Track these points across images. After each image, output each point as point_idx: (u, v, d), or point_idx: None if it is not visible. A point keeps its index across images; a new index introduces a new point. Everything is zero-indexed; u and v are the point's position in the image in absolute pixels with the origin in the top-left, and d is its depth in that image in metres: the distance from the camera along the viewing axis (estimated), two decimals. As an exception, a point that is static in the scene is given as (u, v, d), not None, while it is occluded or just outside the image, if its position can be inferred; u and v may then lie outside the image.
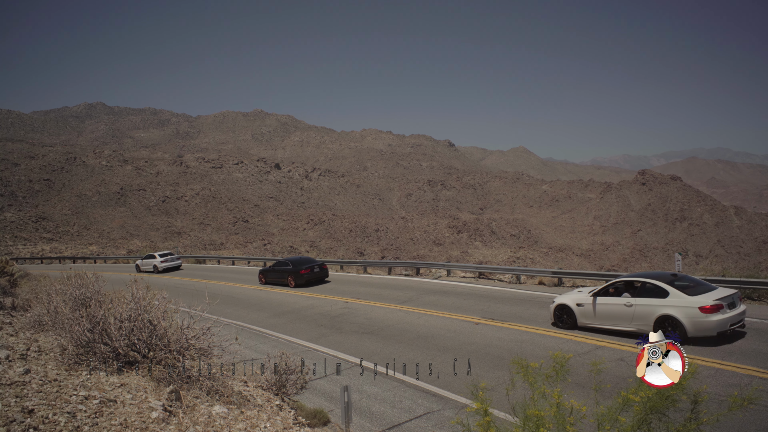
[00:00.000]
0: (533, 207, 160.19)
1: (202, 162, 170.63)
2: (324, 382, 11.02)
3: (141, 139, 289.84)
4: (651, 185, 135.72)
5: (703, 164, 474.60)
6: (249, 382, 7.23)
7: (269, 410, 5.73)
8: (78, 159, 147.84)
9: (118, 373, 4.83)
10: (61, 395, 3.81)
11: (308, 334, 15.30)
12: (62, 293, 6.10)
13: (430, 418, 8.89)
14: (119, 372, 4.84)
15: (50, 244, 76.53)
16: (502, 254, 78.86)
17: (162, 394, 4.35)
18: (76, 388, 4.08)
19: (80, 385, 4.18)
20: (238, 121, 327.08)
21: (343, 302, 19.46)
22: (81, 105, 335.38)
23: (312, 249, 75.19)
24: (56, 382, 4.14)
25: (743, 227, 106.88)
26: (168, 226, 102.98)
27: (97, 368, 4.72)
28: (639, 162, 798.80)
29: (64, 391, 3.93)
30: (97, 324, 4.84)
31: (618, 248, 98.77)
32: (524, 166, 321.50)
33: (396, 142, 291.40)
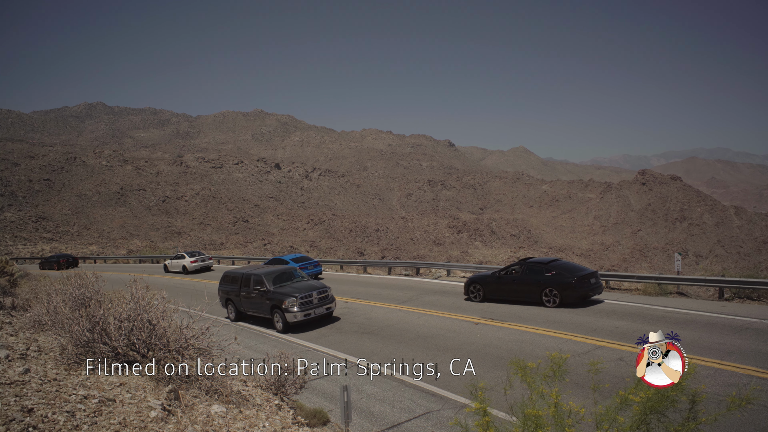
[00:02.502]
0: (533, 207, 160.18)
1: (202, 162, 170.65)
2: (324, 381, 11.04)
3: (141, 139, 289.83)
4: (651, 185, 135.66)
5: (703, 164, 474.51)
6: (248, 381, 7.24)
7: (268, 410, 5.74)
8: (78, 159, 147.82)
9: (118, 372, 4.85)
10: (61, 394, 3.82)
11: (308, 334, 15.32)
12: (62, 293, 6.11)
13: (430, 418, 8.90)
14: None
15: (50, 244, 76.57)
16: (502, 254, 78.87)
17: (161, 394, 4.35)
18: (76, 387, 4.09)
19: (80, 384, 4.19)
20: (238, 121, 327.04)
21: (343, 302, 19.46)
22: (81, 105, 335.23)
23: (312, 249, 75.21)
24: (56, 381, 4.15)
25: (743, 227, 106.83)
26: (168, 226, 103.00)
27: (96, 368, 4.75)
28: (639, 162, 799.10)
29: (63, 391, 3.95)
30: (96, 324, 4.84)
31: (618, 248, 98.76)
32: (524, 166, 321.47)
33: (396, 142, 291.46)
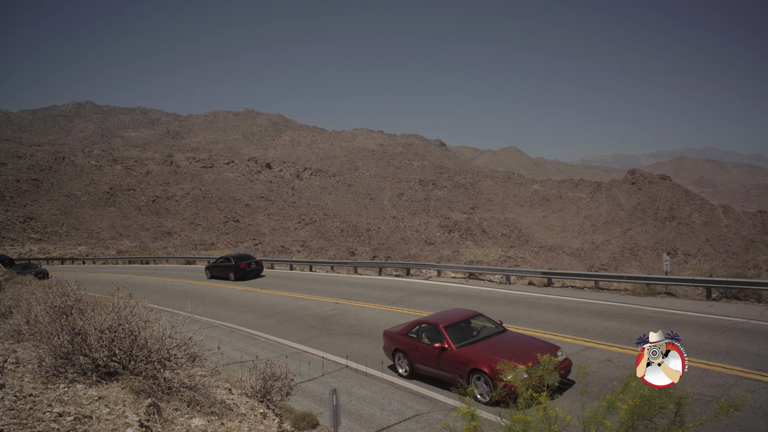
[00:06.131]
0: (524, 206, 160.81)
1: (193, 162, 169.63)
2: (314, 384, 10.99)
3: (131, 138, 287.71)
4: (641, 185, 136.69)
5: (692, 164, 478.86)
6: (234, 389, 7.17)
7: (252, 419, 5.68)
8: (67, 158, 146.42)
9: (98, 384, 4.74)
10: (34, 413, 3.70)
11: (298, 336, 15.25)
12: (42, 302, 6.00)
13: (419, 421, 8.89)
14: (98, 384, 4.76)
15: (38, 244, 75.74)
16: (493, 253, 79.07)
17: (140, 408, 4.24)
18: (51, 403, 3.96)
19: (56, 399, 4.07)
20: (229, 120, 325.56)
21: (334, 303, 19.41)
22: (70, 104, 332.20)
23: (303, 249, 74.95)
24: (31, 397, 4.02)
25: (731, 226, 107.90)
26: (158, 226, 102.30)
27: (75, 380, 4.63)
28: (629, 161, 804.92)
29: (38, 408, 3.83)
30: (76, 334, 4.75)
31: (608, 247, 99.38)
32: (515, 166, 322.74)
33: (387, 141, 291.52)
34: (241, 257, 29.10)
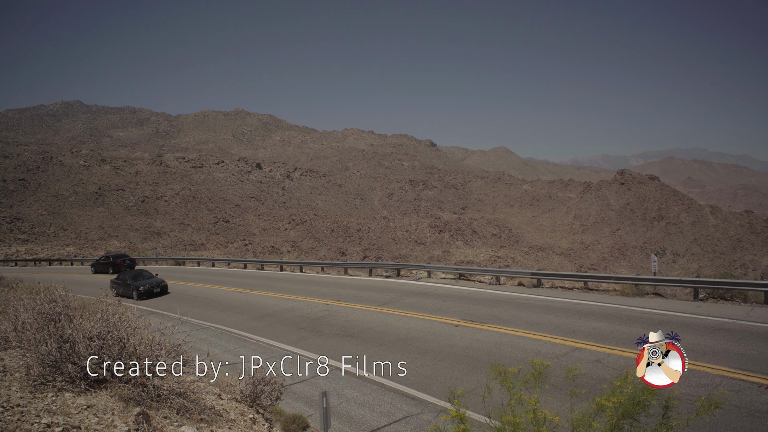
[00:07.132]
0: (514, 206, 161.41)
1: (182, 162, 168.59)
2: (304, 386, 10.98)
3: (120, 138, 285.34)
4: (630, 185, 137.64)
5: (680, 164, 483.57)
6: (223, 394, 7.14)
7: (242, 424, 5.66)
8: (54, 158, 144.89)
9: (86, 393, 4.70)
10: (22, 424, 3.64)
11: (288, 337, 15.21)
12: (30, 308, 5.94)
13: (409, 422, 8.91)
14: (87, 392, 4.71)
15: (25, 245, 74.92)
16: (483, 253, 79.29)
17: (129, 416, 4.20)
18: (40, 413, 3.91)
19: (44, 409, 4.03)
20: (219, 120, 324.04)
21: (324, 304, 19.39)
22: (58, 103, 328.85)
23: (294, 249, 74.77)
24: (19, 408, 3.96)
25: (719, 226, 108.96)
26: (147, 227, 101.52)
27: (64, 389, 4.59)
28: (618, 162, 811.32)
29: (26, 418, 3.77)
30: (65, 342, 4.71)
31: (597, 247, 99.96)
32: (505, 166, 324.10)
33: (378, 141, 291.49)
34: (118, 256, 39.34)
